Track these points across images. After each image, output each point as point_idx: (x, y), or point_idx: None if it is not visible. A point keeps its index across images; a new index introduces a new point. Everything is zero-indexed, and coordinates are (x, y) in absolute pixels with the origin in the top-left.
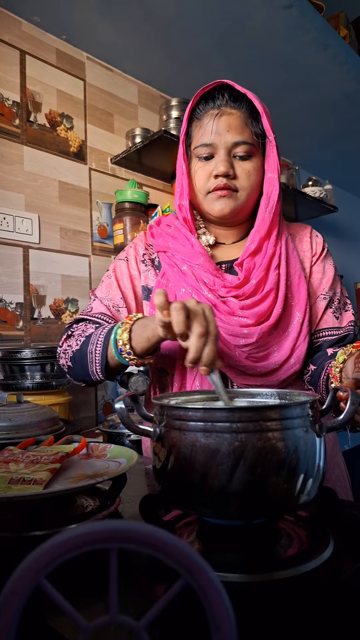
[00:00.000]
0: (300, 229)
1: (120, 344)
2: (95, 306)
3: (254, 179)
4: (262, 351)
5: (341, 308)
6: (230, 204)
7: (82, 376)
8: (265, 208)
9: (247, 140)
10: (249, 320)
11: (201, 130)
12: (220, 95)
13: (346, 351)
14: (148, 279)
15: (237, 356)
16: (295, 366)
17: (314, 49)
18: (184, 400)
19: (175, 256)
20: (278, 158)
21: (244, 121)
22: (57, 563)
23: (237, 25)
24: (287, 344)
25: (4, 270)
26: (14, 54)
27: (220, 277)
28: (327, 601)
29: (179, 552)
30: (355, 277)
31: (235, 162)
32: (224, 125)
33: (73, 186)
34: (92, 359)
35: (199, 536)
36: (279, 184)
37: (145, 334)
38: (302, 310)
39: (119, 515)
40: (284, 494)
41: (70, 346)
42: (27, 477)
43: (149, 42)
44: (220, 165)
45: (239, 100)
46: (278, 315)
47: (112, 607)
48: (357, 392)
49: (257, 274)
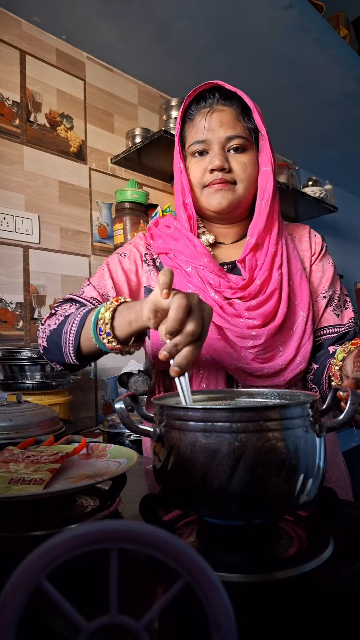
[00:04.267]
0: (298, 229)
1: (101, 322)
2: (87, 290)
3: (251, 171)
4: (269, 352)
5: (341, 305)
6: (228, 197)
7: (57, 358)
8: (261, 201)
9: (240, 134)
10: (256, 322)
11: (194, 129)
12: (212, 95)
13: (345, 349)
14: (150, 280)
15: (244, 358)
16: (301, 365)
17: (314, 49)
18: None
19: (178, 257)
20: (272, 152)
21: (236, 117)
22: (57, 563)
23: (237, 25)
24: (293, 344)
25: (4, 270)
26: (14, 54)
27: (225, 277)
28: (327, 601)
29: (179, 552)
30: (355, 277)
31: (230, 155)
32: (216, 121)
33: (73, 186)
34: (65, 340)
35: (199, 536)
36: (273, 177)
37: (129, 316)
38: (306, 309)
39: (119, 515)
40: (284, 494)
41: (49, 325)
42: (27, 477)
43: (149, 42)
44: (215, 159)
45: (229, 99)
46: (284, 315)
47: (112, 607)
48: (357, 392)
49: (261, 274)
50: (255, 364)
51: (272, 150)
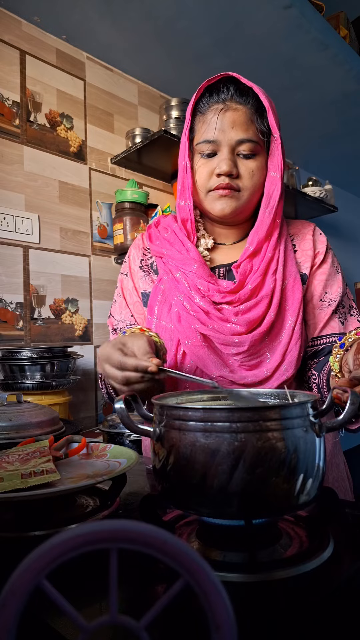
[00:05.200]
0: (302, 226)
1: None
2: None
3: (257, 178)
4: (255, 358)
5: (347, 313)
6: (231, 204)
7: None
8: (265, 208)
9: (252, 138)
10: (241, 328)
11: (204, 125)
12: (225, 89)
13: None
14: (146, 284)
15: (230, 364)
16: (287, 373)
17: (314, 49)
18: (184, 400)
19: (169, 263)
20: (283, 156)
21: (250, 117)
22: (57, 563)
23: (237, 25)
24: (280, 350)
25: (4, 270)
26: (14, 54)
27: (214, 283)
28: (327, 601)
29: (179, 552)
30: (355, 277)
31: (239, 160)
32: (229, 121)
33: (73, 186)
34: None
35: (199, 536)
36: (281, 184)
37: None
38: (295, 315)
39: (119, 515)
40: (284, 494)
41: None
42: (36, 469)
43: (149, 42)
44: (224, 164)
45: (244, 95)
46: (270, 322)
47: (112, 607)
48: (356, 392)
49: (254, 279)
50: (241, 371)
51: (283, 154)
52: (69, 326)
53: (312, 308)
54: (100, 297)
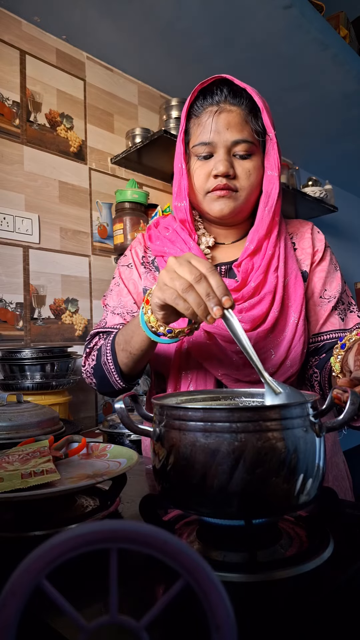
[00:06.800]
0: (300, 225)
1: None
2: (109, 319)
3: (254, 178)
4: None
5: (346, 309)
6: (230, 205)
7: (108, 389)
8: (264, 207)
9: (247, 138)
10: (245, 326)
11: (200, 128)
12: (219, 91)
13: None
14: (147, 281)
15: (235, 362)
16: (291, 369)
17: (314, 49)
18: (184, 400)
19: None
20: (279, 155)
21: (244, 118)
22: (57, 563)
23: (237, 25)
24: (284, 346)
25: (4, 270)
26: (14, 54)
27: None
28: (327, 601)
29: (179, 552)
30: (355, 277)
31: (235, 161)
32: (224, 123)
33: (73, 186)
34: (108, 369)
35: (199, 536)
36: (279, 182)
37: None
38: (297, 311)
39: (119, 515)
40: (284, 494)
41: (89, 364)
42: (36, 469)
43: (149, 42)
44: (220, 165)
45: (238, 96)
46: (274, 319)
47: (112, 607)
48: (356, 392)
49: (256, 277)
50: (246, 368)
51: (279, 152)
52: (69, 326)
53: (312, 305)
54: (100, 297)
